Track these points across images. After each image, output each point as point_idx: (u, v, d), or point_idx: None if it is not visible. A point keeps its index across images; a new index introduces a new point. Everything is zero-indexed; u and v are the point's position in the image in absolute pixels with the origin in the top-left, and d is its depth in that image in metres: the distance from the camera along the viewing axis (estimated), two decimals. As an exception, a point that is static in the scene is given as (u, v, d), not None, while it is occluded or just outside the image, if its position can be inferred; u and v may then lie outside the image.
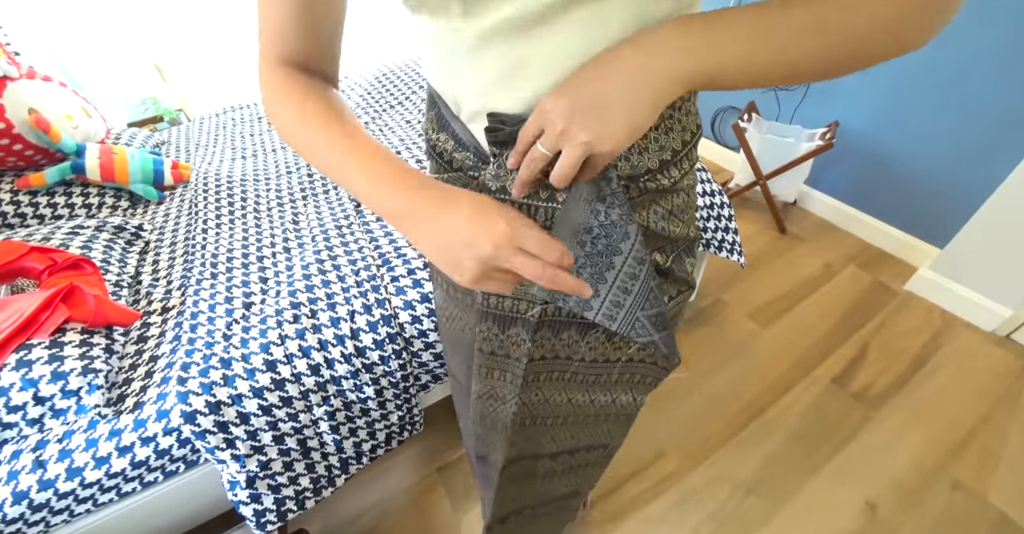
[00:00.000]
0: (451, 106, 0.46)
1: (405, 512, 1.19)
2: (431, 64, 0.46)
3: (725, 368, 1.45)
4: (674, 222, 0.49)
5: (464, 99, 0.44)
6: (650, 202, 0.47)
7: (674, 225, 0.49)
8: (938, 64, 1.43)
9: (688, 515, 1.14)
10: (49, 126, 1.26)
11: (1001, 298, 1.44)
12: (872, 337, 1.51)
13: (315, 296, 0.99)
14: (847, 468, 1.20)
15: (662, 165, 0.45)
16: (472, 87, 0.42)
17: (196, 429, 0.80)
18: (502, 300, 0.51)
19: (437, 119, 0.49)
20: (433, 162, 0.53)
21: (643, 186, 0.45)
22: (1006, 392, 1.33)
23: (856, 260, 1.77)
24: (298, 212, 1.33)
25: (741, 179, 1.99)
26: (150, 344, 0.97)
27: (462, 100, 0.44)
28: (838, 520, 1.11)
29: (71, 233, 1.13)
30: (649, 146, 0.43)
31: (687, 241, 0.53)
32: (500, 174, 0.44)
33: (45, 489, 0.77)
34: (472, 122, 0.45)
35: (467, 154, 0.47)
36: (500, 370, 0.56)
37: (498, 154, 0.43)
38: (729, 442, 1.27)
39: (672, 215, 0.49)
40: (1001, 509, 1.10)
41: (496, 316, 0.52)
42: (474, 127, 0.45)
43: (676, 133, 0.44)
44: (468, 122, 0.46)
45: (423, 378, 1.06)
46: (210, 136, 1.83)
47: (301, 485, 0.95)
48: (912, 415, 1.30)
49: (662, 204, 0.47)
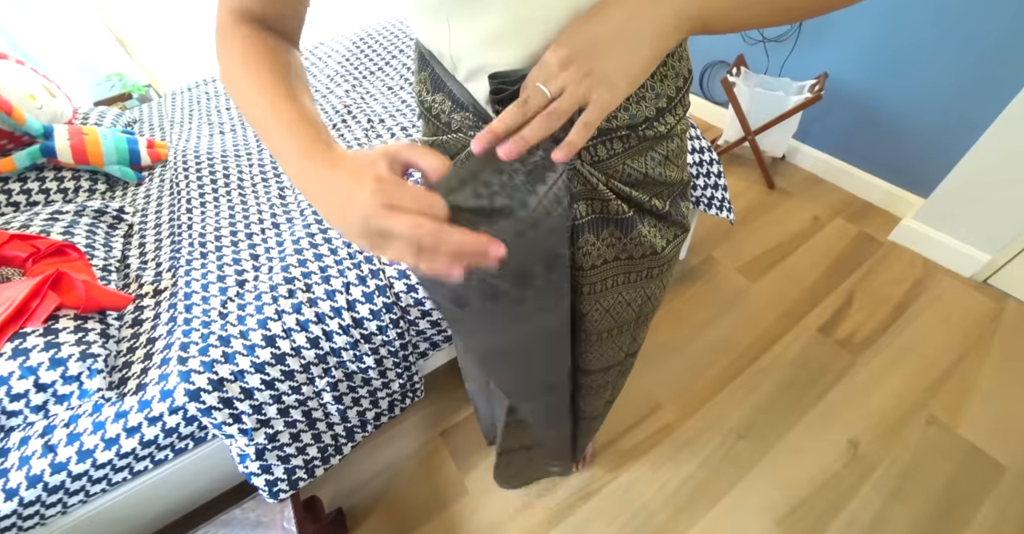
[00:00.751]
0: (447, 65, 0.45)
1: (412, 474, 1.24)
2: (423, 22, 0.44)
3: (717, 322, 1.49)
4: (670, 167, 0.50)
5: (463, 57, 0.42)
6: (647, 149, 0.47)
7: (670, 170, 0.50)
8: (925, 11, 1.40)
9: (684, 462, 1.20)
10: (11, 107, 1.20)
11: (980, 244, 1.48)
12: (857, 287, 1.55)
13: (309, 270, 0.99)
14: (832, 410, 1.26)
15: (658, 112, 0.45)
16: (471, 43, 0.41)
17: (201, 406, 0.82)
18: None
19: (431, 80, 0.48)
20: (428, 124, 0.52)
21: (642, 134, 0.45)
22: (982, 333, 1.39)
23: (843, 213, 1.79)
24: (284, 186, 1.30)
25: (730, 136, 1.97)
26: (146, 326, 0.97)
27: (460, 58, 0.43)
28: (822, 458, 1.18)
29: (50, 219, 1.10)
30: (646, 94, 0.43)
31: (682, 185, 0.54)
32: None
33: (58, 471, 0.78)
34: (470, 81, 0.44)
35: (466, 114, 0.46)
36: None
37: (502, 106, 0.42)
38: (721, 392, 1.33)
39: (668, 160, 0.49)
40: (972, 441, 1.17)
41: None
42: (472, 86, 0.44)
43: (670, 80, 0.45)
44: (466, 81, 0.44)
45: (421, 346, 1.08)
46: (184, 112, 1.76)
47: (309, 454, 0.98)
48: (893, 358, 1.35)
49: (658, 150, 0.48)
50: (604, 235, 0.51)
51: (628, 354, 0.74)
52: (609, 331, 0.63)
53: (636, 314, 0.63)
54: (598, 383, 0.75)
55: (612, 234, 0.51)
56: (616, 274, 0.56)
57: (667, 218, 0.53)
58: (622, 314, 0.61)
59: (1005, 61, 1.31)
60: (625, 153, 0.46)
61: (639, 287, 0.59)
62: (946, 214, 1.52)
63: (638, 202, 0.49)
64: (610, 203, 0.48)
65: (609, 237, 0.51)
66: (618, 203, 0.48)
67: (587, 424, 0.88)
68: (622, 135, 0.44)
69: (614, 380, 0.78)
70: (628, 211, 0.49)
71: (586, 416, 0.85)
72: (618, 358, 0.71)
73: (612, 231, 0.51)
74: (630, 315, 0.62)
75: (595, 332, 0.62)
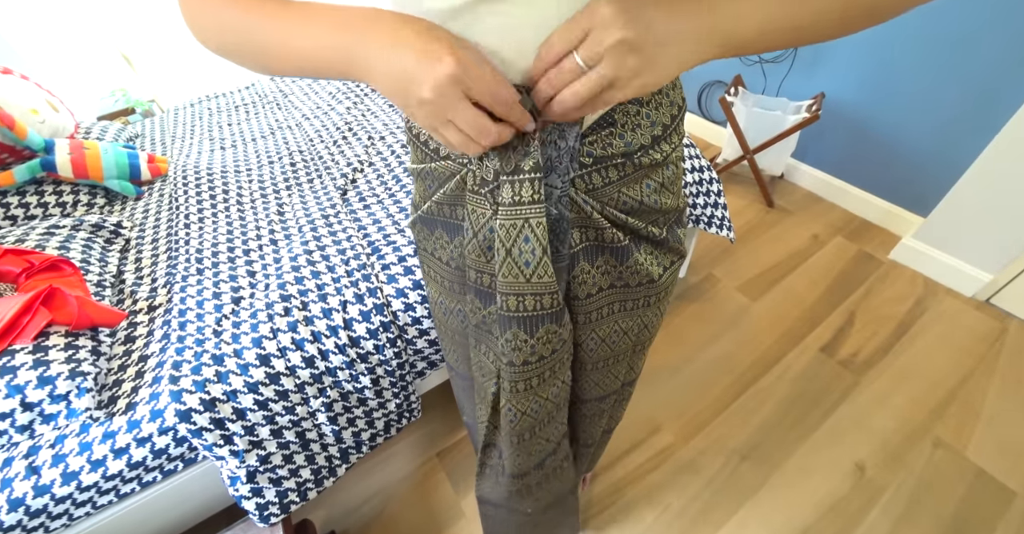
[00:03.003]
0: None
1: (408, 497, 1.21)
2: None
3: (717, 341, 1.47)
4: (665, 194, 0.49)
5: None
6: (643, 177, 0.46)
7: (665, 197, 0.50)
8: (923, 35, 1.42)
9: (686, 484, 1.17)
10: (13, 122, 1.21)
11: (981, 264, 1.47)
12: (858, 306, 1.54)
13: (305, 288, 0.98)
14: (836, 432, 1.24)
15: (654, 140, 0.45)
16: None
17: (192, 427, 0.80)
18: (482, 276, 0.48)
19: None
20: (417, 151, 0.51)
21: (637, 162, 0.45)
22: (985, 353, 1.37)
23: (842, 231, 1.79)
24: (283, 203, 1.30)
25: (729, 154, 1.99)
26: (138, 344, 0.96)
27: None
28: (828, 482, 1.15)
29: (46, 233, 1.09)
30: (641, 122, 0.43)
31: (677, 212, 0.53)
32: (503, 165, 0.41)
33: (41, 495, 0.76)
34: None
35: None
36: (486, 345, 0.55)
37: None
38: (723, 413, 1.30)
39: (663, 188, 0.49)
40: (979, 465, 1.15)
41: (479, 291, 0.50)
42: None
43: (665, 107, 0.45)
44: None
45: (419, 365, 1.06)
46: (186, 127, 1.77)
47: (302, 477, 0.95)
48: (897, 379, 1.34)
49: (654, 178, 0.47)
50: (599, 263, 0.50)
51: (625, 383, 0.72)
52: (605, 360, 0.62)
53: (633, 343, 0.62)
54: (593, 411, 0.73)
55: (607, 262, 0.50)
56: (612, 302, 0.55)
57: (663, 245, 0.52)
58: (618, 343, 0.60)
59: (1002, 80, 1.32)
60: (620, 181, 0.45)
61: (635, 315, 0.58)
62: (946, 233, 1.52)
63: (634, 229, 0.49)
64: (604, 231, 0.47)
65: (604, 265, 0.50)
66: (613, 231, 0.47)
67: (584, 451, 0.86)
68: (617, 163, 0.44)
69: (611, 408, 0.76)
70: (624, 239, 0.48)
71: (582, 443, 0.83)
72: (614, 387, 0.70)
73: (607, 259, 0.50)
74: (627, 344, 0.61)
75: (591, 361, 0.61)
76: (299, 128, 1.63)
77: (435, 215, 0.52)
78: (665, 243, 0.52)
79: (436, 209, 0.51)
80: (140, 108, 2.36)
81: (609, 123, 0.42)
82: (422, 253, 0.60)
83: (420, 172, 0.51)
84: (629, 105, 0.41)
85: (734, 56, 0.36)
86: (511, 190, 0.40)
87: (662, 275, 0.54)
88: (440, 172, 0.48)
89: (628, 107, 0.41)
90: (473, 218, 0.45)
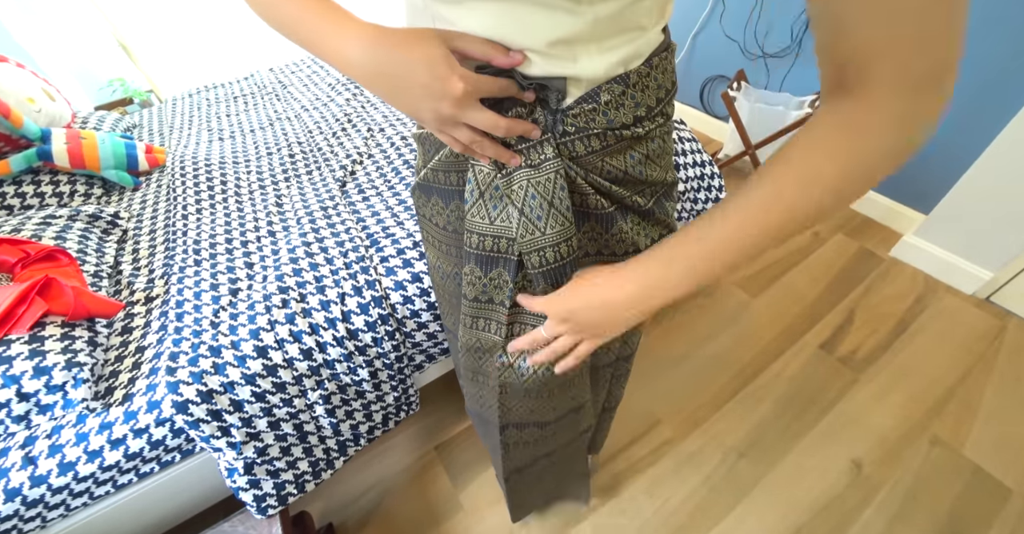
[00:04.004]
0: None
1: (405, 490, 1.21)
2: (412, 24, 0.44)
3: (716, 337, 1.47)
4: (651, 167, 0.50)
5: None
6: (626, 148, 0.47)
7: (651, 169, 0.50)
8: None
9: (685, 479, 1.17)
10: (9, 110, 1.20)
11: (982, 261, 1.47)
12: (858, 303, 1.53)
13: (303, 280, 0.97)
14: (834, 429, 1.24)
15: (636, 120, 0.45)
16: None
17: (189, 418, 0.79)
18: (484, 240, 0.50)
19: None
20: (422, 147, 0.53)
21: (619, 134, 0.45)
22: (984, 351, 1.37)
23: (843, 228, 1.79)
24: (281, 194, 1.29)
25: (730, 149, 1.98)
26: (135, 335, 0.95)
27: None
28: (826, 478, 1.15)
29: (43, 223, 1.08)
30: (625, 102, 0.43)
31: (666, 185, 0.53)
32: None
33: (38, 485, 0.76)
34: None
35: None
36: (484, 319, 0.56)
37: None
38: (721, 408, 1.30)
39: (649, 159, 0.49)
40: (976, 462, 1.15)
41: (480, 257, 0.52)
42: None
43: (651, 90, 0.45)
44: None
45: (417, 358, 1.06)
46: (184, 118, 1.76)
47: (300, 469, 0.95)
48: (895, 376, 1.34)
49: (638, 149, 0.48)
50: (585, 229, 0.50)
51: (620, 358, 0.73)
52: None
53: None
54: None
55: (593, 229, 0.51)
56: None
57: (650, 216, 0.52)
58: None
59: (1005, 79, 1.31)
60: (604, 151, 0.46)
61: None
62: (947, 231, 1.51)
63: (619, 198, 0.49)
64: (588, 197, 0.47)
65: (591, 231, 0.51)
66: (597, 198, 0.47)
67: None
68: (597, 132, 0.44)
69: (607, 383, 0.77)
70: (608, 206, 0.48)
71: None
72: (608, 359, 0.70)
73: (592, 226, 0.51)
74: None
75: None
76: (298, 119, 1.62)
77: (431, 182, 0.55)
78: (651, 214, 0.52)
79: (431, 176, 0.54)
80: (138, 98, 2.34)
81: (593, 99, 0.42)
82: (420, 219, 0.63)
83: (420, 137, 0.54)
84: (614, 84, 0.41)
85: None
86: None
87: (649, 246, 0.54)
88: (447, 169, 0.50)
89: (613, 86, 0.41)
90: (481, 177, 0.47)
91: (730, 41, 1.94)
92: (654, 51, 0.43)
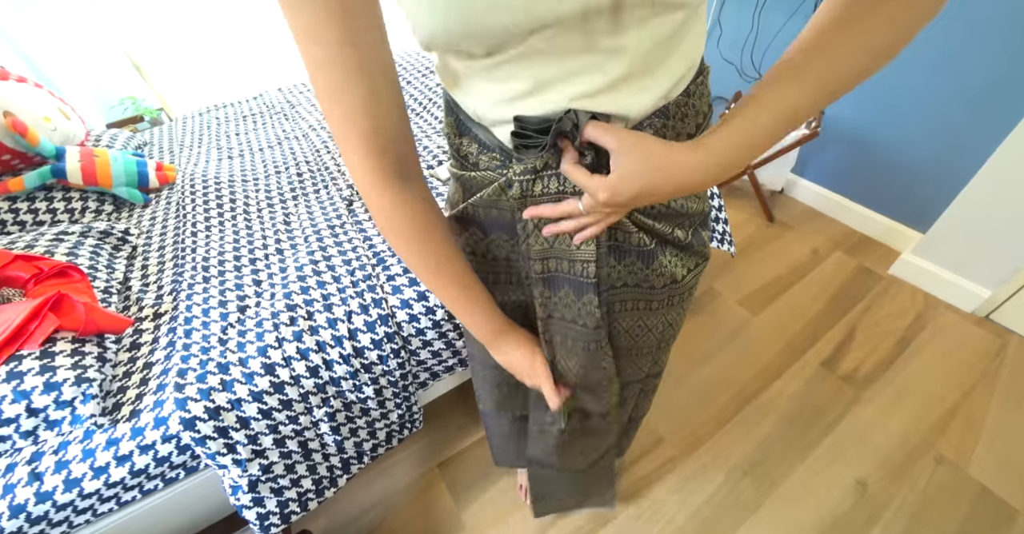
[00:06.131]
0: (471, 114, 0.47)
1: (408, 508, 1.20)
2: (446, 83, 0.46)
3: (718, 355, 1.47)
4: (691, 198, 0.51)
5: (486, 113, 0.45)
6: None
7: (691, 201, 0.51)
8: (923, 50, 1.45)
9: (688, 498, 1.17)
10: (26, 129, 1.23)
11: (980, 280, 1.48)
12: (858, 320, 1.54)
13: (311, 297, 0.98)
14: (838, 448, 1.24)
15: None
16: (494, 103, 0.43)
17: (196, 435, 0.80)
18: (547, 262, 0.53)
19: (456, 124, 0.50)
20: (457, 163, 0.54)
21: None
22: (986, 369, 1.37)
23: (842, 246, 1.81)
24: (289, 212, 1.31)
25: (728, 168, 2.01)
26: (144, 351, 0.96)
27: (483, 114, 0.45)
28: (831, 498, 1.15)
29: (55, 239, 1.10)
30: (666, 133, 0.44)
31: (702, 215, 0.55)
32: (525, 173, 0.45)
33: (43, 501, 0.76)
34: (495, 127, 0.46)
35: (493, 155, 0.48)
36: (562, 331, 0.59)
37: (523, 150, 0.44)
38: (724, 427, 1.30)
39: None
40: (981, 482, 1.14)
41: (548, 280, 0.54)
42: (497, 130, 0.46)
43: (691, 118, 0.45)
44: (491, 127, 0.46)
45: (422, 376, 1.06)
46: (194, 136, 1.79)
47: (304, 487, 0.95)
48: (898, 394, 1.34)
49: None
50: (627, 263, 0.52)
51: (649, 375, 0.74)
52: (628, 351, 0.64)
53: (657, 339, 0.64)
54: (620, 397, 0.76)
55: (633, 264, 0.52)
56: (637, 299, 0.57)
57: (688, 248, 0.54)
58: (642, 337, 0.62)
59: (1001, 97, 1.34)
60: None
61: (660, 314, 0.60)
62: (945, 249, 1.53)
63: (660, 234, 0.50)
64: (632, 235, 0.49)
65: (631, 266, 0.52)
66: (640, 235, 0.49)
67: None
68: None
69: (635, 397, 0.79)
70: (650, 243, 0.50)
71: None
72: (638, 376, 0.72)
73: (633, 261, 0.52)
74: (651, 340, 0.63)
75: (613, 347, 0.63)
76: (306, 139, 1.65)
77: (470, 215, 0.56)
78: (690, 247, 0.54)
79: (472, 210, 0.55)
80: (149, 116, 2.39)
81: (663, 114, 0.42)
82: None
83: (460, 177, 0.55)
84: (655, 118, 0.42)
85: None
86: (541, 184, 0.45)
87: (685, 276, 0.56)
88: (479, 180, 0.51)
89: (654, 121, 0.42)
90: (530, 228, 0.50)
91: (727, 64, 1.99)
92: (692, 78, 0.44)
